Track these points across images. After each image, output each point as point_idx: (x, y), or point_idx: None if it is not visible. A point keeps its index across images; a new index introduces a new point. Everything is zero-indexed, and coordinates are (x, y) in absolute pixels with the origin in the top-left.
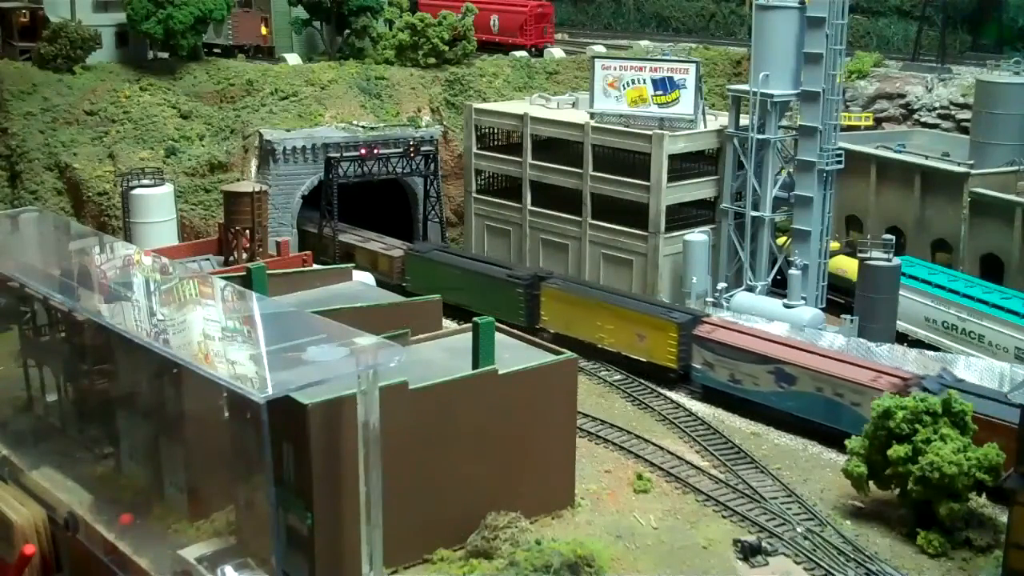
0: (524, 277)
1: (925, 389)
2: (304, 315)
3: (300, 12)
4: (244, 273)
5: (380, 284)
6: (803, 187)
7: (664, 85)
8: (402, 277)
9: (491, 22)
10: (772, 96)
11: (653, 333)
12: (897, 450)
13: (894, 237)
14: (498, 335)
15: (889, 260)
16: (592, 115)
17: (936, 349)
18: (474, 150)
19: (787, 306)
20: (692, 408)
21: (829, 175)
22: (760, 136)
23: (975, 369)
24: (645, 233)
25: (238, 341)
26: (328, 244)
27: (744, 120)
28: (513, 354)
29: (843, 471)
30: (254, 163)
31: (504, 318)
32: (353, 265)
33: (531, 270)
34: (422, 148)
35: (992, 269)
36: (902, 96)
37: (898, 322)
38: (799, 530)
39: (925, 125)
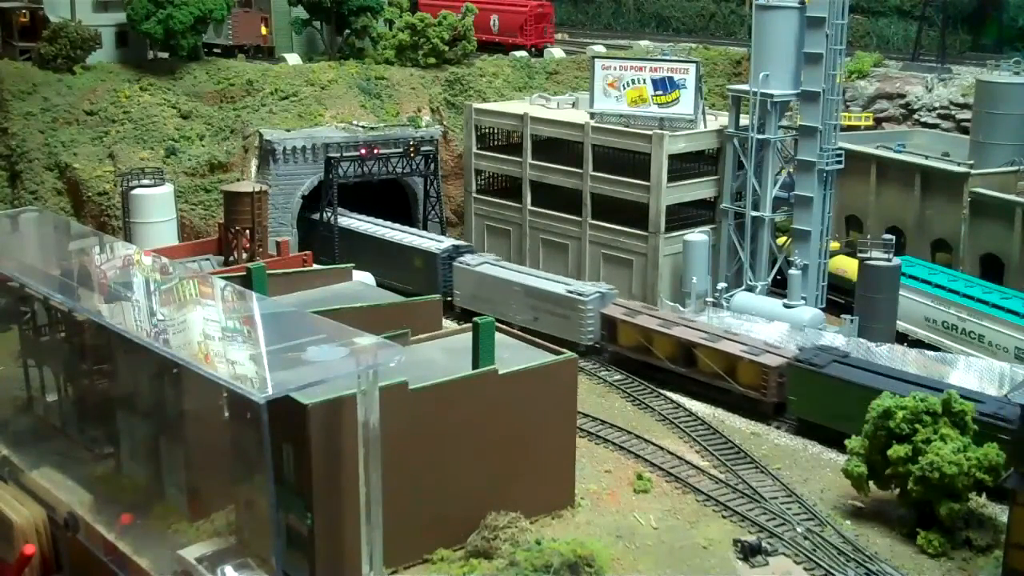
0: None
1: None
2: (304, 315)
3: (300, 12)
4: (244, 273)
5: (744, 406)
6: (803, 187)
7: (664, 85)
8: (781, 395)
9: (491, 22)
10: (772, 96)
11: None
12: (897, 450)
13: (894, 237)
14: (498, 335)
15: (889, 260)
16: (592, 115)
17: (936, 349)
18: (474, 150)
19: (787, 306)
20: (692, 408)
21: (829, 175)
22: (760, 136)
23: (975, 369)
24: (645, 233)
25: (238, 341)
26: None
27: (744, 120)
28: (513, 354)
29: (843, 471)
30: (254, 163)
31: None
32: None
33: None
34: (422, 148)
35: (992, 269)
36: (902, 96)
37: (898, 322)
38: (799, 530)
39: (925, 125)
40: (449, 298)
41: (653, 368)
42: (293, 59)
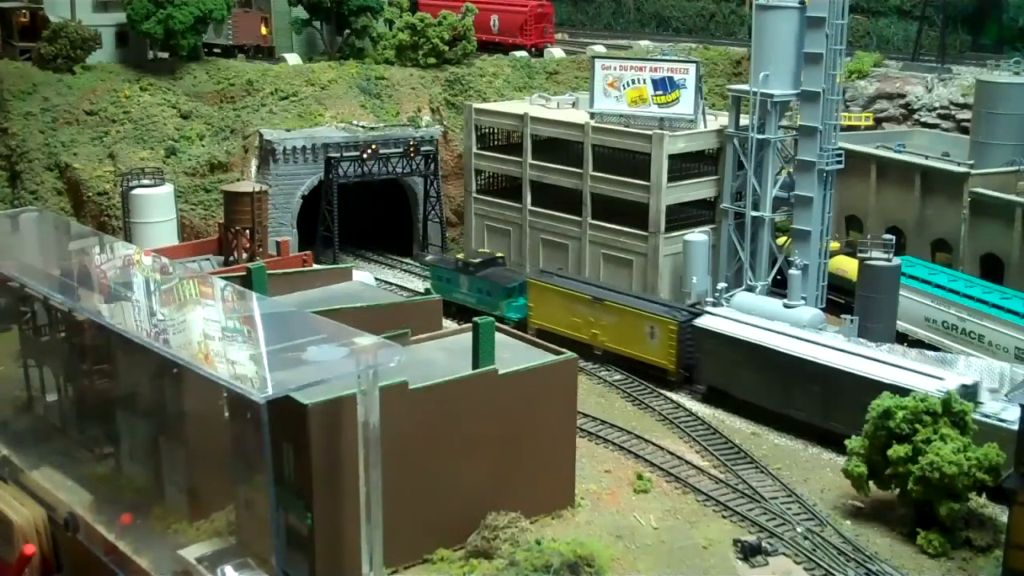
0: None
1: None
2: (304, 315)
3: (300, 12)
4: (244, 273)
5: None
6: (803, 187)
7: (664, 85)
8: None
9: (491, 22)
10: (772, 96)
11: None
12: (897, 450)
13: (894, 237)
14: (498, 335)
15: (889, 260)
16: (592, 115)
17: (936, 349)
18: (474, 150)
19: (787, 306)
20: (692, 408)
21: (829, 175)
22: (760, 136)
23: (975, 369)
24: (645, 233)
25: (238, 341)
26: None
27: (744, 120)
28: (513, 354)
29: (843, 471)
30: (254, 163)
31: None
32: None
33: None
34: (422, 148)
35: (992, 269)
36: (902, 96)
37: (898, 322)
38: (799, 530)
39: (925, 125)
40: None
41: None
42: (293, 59)
